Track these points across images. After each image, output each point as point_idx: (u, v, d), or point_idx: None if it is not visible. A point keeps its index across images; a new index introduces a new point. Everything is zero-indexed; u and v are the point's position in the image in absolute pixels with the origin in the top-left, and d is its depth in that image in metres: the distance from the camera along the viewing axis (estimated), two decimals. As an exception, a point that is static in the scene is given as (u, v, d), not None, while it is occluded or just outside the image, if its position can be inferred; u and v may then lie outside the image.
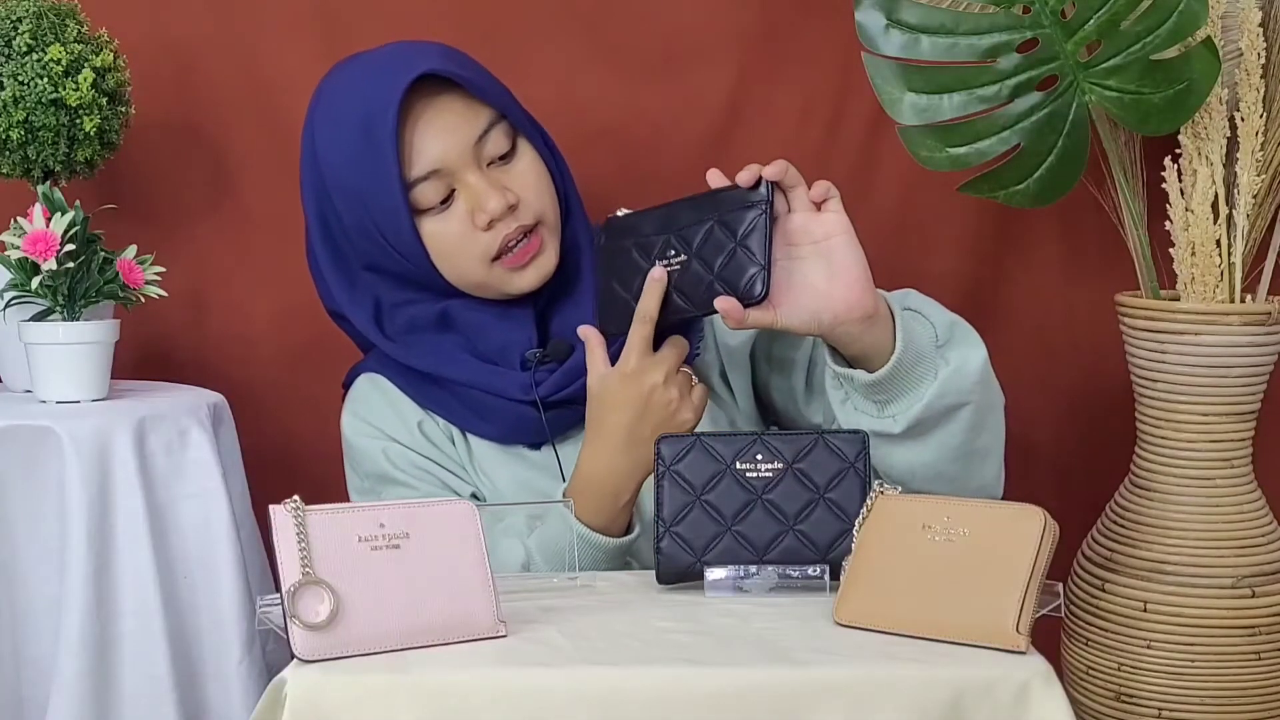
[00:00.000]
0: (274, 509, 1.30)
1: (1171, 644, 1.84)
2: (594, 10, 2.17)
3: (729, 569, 1.46)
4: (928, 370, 1.53)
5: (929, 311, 1.58)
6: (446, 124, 1.65)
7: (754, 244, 1.50)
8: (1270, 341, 1.84)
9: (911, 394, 1.53)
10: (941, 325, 1.57)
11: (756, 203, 1.51)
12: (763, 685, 1.25)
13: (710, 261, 1.53)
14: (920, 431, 1.54)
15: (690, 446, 1.49)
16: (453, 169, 1.65)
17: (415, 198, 1.65)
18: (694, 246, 1.54)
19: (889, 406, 1.54)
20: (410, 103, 1.64)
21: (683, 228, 1.55)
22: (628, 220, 1.62)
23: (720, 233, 1.52)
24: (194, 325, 2.22)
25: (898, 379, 1.53)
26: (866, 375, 1.53)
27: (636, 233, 1.59)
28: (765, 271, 1.49)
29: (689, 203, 1.56)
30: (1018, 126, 1.88)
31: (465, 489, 1.71)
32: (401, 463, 1.72)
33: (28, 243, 1.83)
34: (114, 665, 1.76)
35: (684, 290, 1.55)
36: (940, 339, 1.56)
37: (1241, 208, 1.85)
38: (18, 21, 1.88)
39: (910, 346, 1.52)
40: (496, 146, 1.67)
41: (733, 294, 1.50)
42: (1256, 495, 1.89)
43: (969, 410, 1.55)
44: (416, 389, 1.74)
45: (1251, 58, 1.82)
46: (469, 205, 1.65)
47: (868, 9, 1.88)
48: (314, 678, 1.25)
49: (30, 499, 1.78)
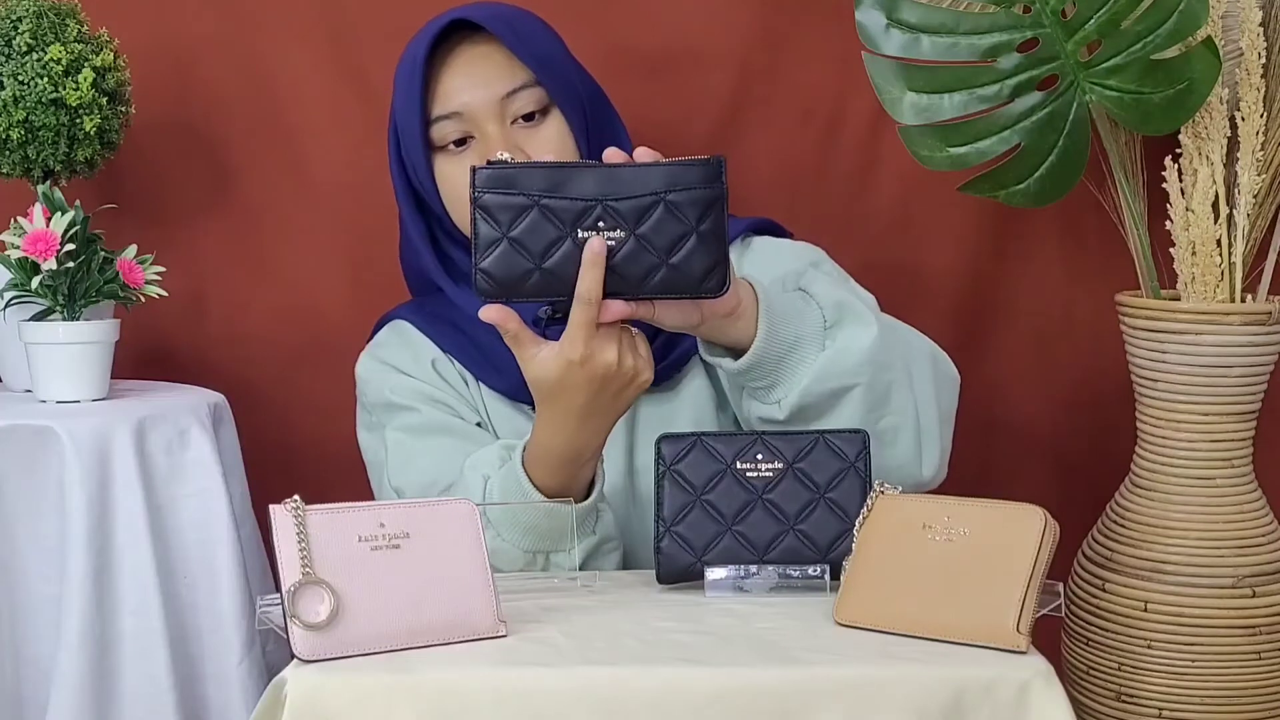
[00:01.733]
0: (274, 509, 1.30)
1: (1172, 644, 1.84)
2: (594, 10, 2.17)
3: (729, 569, 1.46)
4: (807, 354, 1.53)
5: (819, 293, 1.57)
6: (478, 71, 1.72)
7: (711, 233, 1.40)
8: (1270, 341, 1.84)
9: (790, 379, 1.53)
10: (829, 307, 1.55)
11: (713, 185, 1.41)
12: (763, 685, 1.25)
13: (656, 244, 1.40)
14: (809, 415, 1.54)
15: (691, 446, 1.49)
16: (475, 116, 1.71)
17: (433, 134, 1.72)
18: (633, 223, 1.40)
19: (773, 392, 1.54)
20: (453, 48, 1.72)
21: (616, 199, 1.41)
22: (519, 173, 1.42)
23: (669, 214, 1.41)
24: (194, 325, 2.22)
25: (769, 366, 1.52)
26: (733, 363, 1.53)
27: (537, 190, 1.41)
28: (726, 264, 1.42)
29: (613, 172, 1.42)
30: (1018, 126, 1.88)
31: (472, 417, 1.73)
32: (403, 390, 1.73)
33: (28, 242, 1.83)
34: (114, 665, 1.76)
35: (620, 272, 1.41)
36: (828, 321, 1.55)
37: (1242, 207, 1.85)
38: (18, 21, 1.87)
39: (778, 333, 1.51)
40: (523, 105, 1.72)
41: (687, 284, 1.41)
42: (1257, 495, 1.89)
43: (859, 392, 1.54)
44: (440, 334, 1.77)
45: (1252, 57, 1.82)
46: (480, 155, 1.69)
47: (868, 9, 1.88)
48: (314, 678, 1.25)
49: (30, 499, 1.78)
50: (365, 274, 2.17)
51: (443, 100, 1.72)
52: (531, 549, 1.55)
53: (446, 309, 1.78)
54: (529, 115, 1.72)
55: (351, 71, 2.19)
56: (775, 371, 1.53)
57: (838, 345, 1.54)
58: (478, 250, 1.42)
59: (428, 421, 1.71)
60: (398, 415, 1.73)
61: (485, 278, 1.42)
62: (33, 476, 1.77)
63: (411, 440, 1.70)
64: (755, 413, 1.57)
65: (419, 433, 1.70)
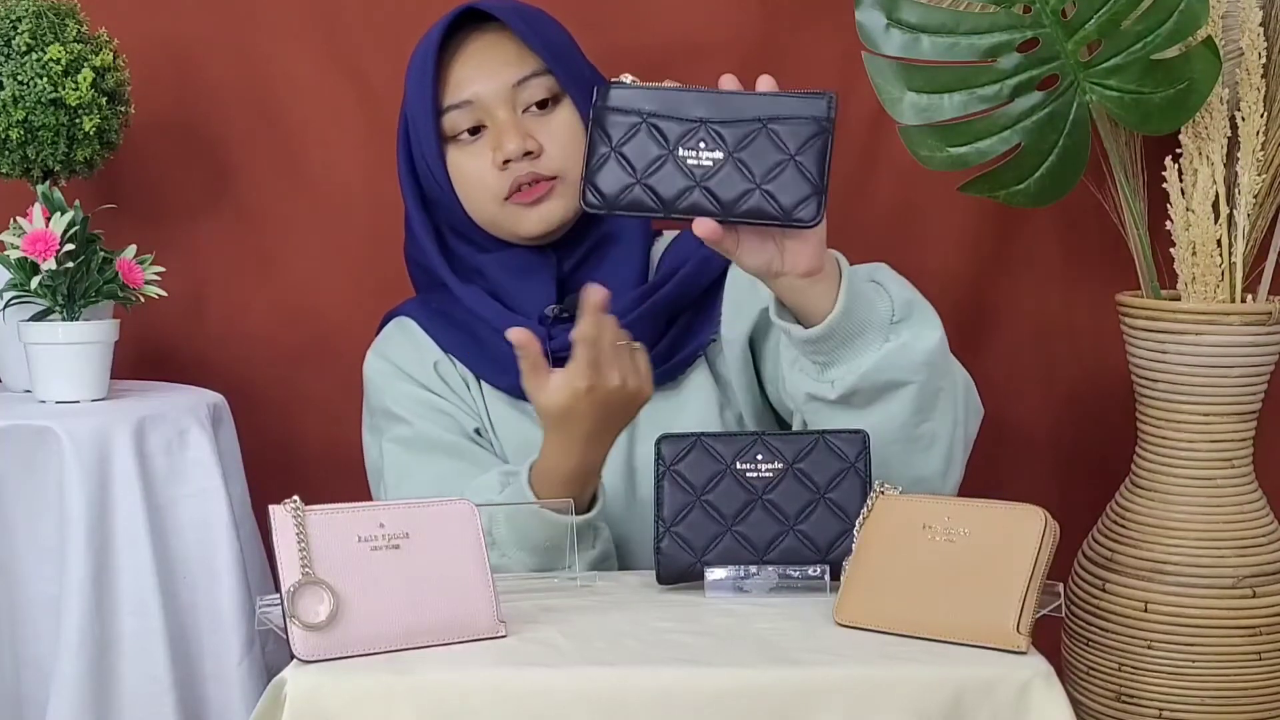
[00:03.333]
0: (274, 509, 1.30)
1: (1172, 644, 1.84)
2: (594, 10, 2.17)
3: (729, 569, 1.46)
4: (873, 340, 1.51)
5: (891, 287, 1.56)
6: (489, 60, 1.73)
7: (810, 162, 1.40)
8: (1271, 341, 1.84)
9: (852, 361, 1.51)
10: (900, 301, 1.55)
11: (819, 119, 1.42)
12: (763, 685, 1.25)
13: (752, 168, 1.40)
14: (858, 402, 1.52)
15: (690, 446, 1.49)
16: (486, 104, 1.72)
17: (445, 124, 1.73)
18: (732, 146, 1.41)
19: (829, 370, 1.52)
20: (464, 38, 1.74)
21: (719, 122, 1.41)
22: (638, 92, 1.44)
23: (769, 139, 1.41)
24: (194, 325, 2.22)
25: (837, 342, 1.51)
26: (802, 330, 1.51)
27: (649, 110, 1.43)
28: (821, 196, 1.41)
29: (724, 97, 1.43)
30: (1018, 126, 1.88)
31: (470, 424, 1.73)
32: (404, 399, 1.73)
33: (27, 242, 1.83)
34: (114, 665, 1.76)
35: (714, 192, 1.41)
36: (897, 315, 1.54)
37: (1242, 207, 1.85)
38: (17, 21, 1.87)
39: (854, 312, 1.50)
40: (534, 94, 1.73)
41: (779, 210, 1.40)
42: (1257, 495, 1.89)
43: (912, 390, 1.53)
44: (443, 333, 1.77)
45: (1252, 57, 1.82)
46: (492, 143, 1.71)
47: (868, 9, 1.88)
48: (314, 678, 1.25)
49: (30, 499, 1.78)
50: (365, 274, 2.17)
51: (454, 90, 1.73)
52: (535, 568, 1.55)
53: (450, 305, 1.77)
54: (541, 103, 1.73)
55: (351, 71, 2.19)
56: (839, 350, 1.51)
57: (903, 339, 1.52)
58: (587, 162, 1.43)
59: (425, 438, 1.70)
60: (396, 426, 1.73)
61: (592, 190, 1.43)
62: (32, 477, 1.77)
63: (408, 457, 1.70)
64: (804, 388, 1.54)
65: (416, 449, 1.70)
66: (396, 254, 1.88)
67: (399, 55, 1.79)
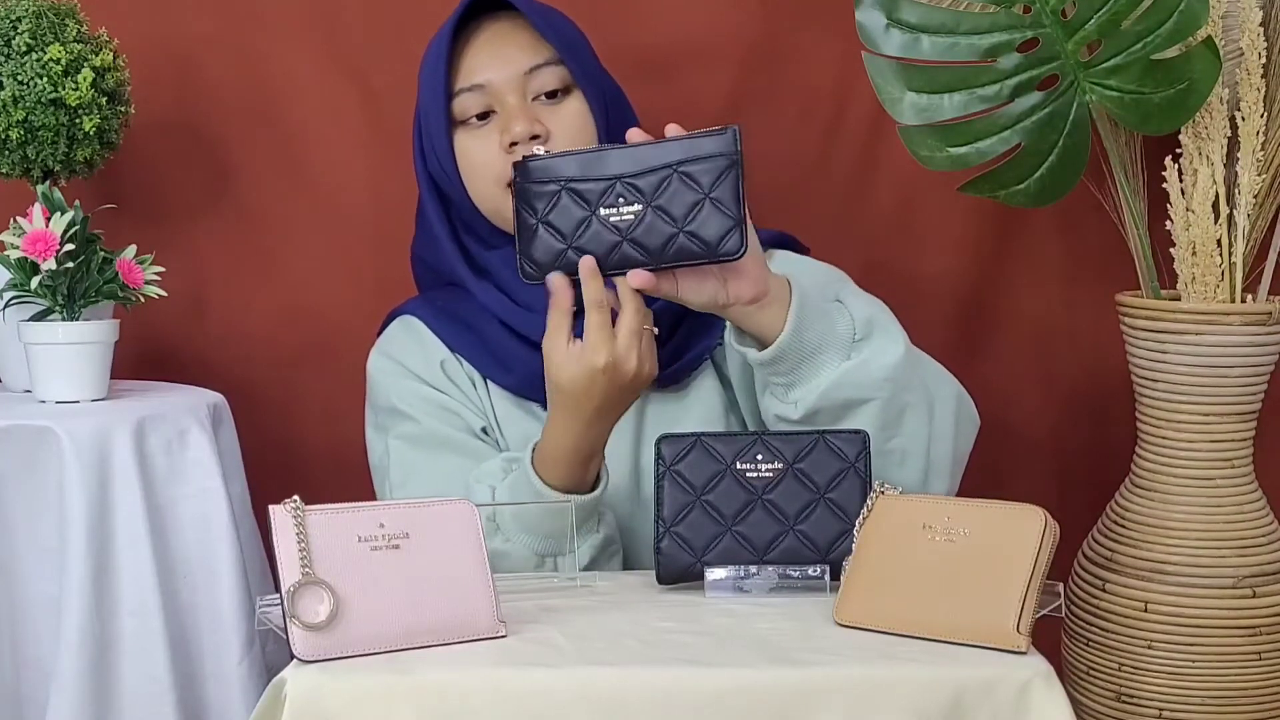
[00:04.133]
0: (273, 509, 1.30)
1: (1172, 644, 1.84)
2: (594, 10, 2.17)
3: (729, 569, 1.46)
4: (831, 359, 1.54)
5: (853, 305, 1.59)
6: (502, 46, 1.73)
7: (726, 196, 1.45)
8: (1271, 341, 1.84)
9: (811, 381, 1.55)
10: (861, 320, 1.57)
11: (726, 154, 1.46)
12: (763, 685, 1.25)
13: (672, 213, 1.46)
14: (822, 421, 1.55)
15: (691, 446, 1.49)
16: (497, 89, 1.72)
17: (455, 108, 1.73)
18: (649, 195, 1.47)
19: (791, 391, 1.56)
20: (479, 26, 1.75)
21: (634, 175, 1.47)
22: (554, 161, 1.50)
23: (683, 182, 1.46)
24: (194, 325, 2.22)
25: (792, 362, 1.54)
26: (755, 353, 1.54)
27: (567, 177, 1.49)
28: (742, 226, 1.45)
29: (635, 150, 1.48)
30: (1018, 126, 1.88)
31: (477, 422, 1.72)
32: (410, 396, 1.73)
33: (27, 242, 1.83)
34: (114, 665, 1.76)
35: (641, 242, 1.47)
36: (859, 333, 1.56)
37: (1242, 207, 1.84)
38: (17, 21, 1.87)
39: (805, 332, 1.53)
40: (545, 82, 1.73)
41: (705, 248, 1.45)
42: (1257, 495, 1.89)
43: (875, 407, 1.55)
44: (448, 332, 1.76)
45: (1252, 57, 1.82)
46: (500, 125, 1.71)
47: (868, 9, 1.88)
48: (314, 678, 1.25)
49: (30, 499, 1.78)
50: (365, 274, 2.17)
51: (466, 75, 1.73)
52: (540, 551, 1.55)
53: (456, 304, 1.77)
54: (551, 93, 1.73)
55: (351, 72, 2.19)
56: (796, 370, 1.54)
57: (862, 357, 1.55)
58: (519, 238, 1.51)
59: (432, 435, 1.70)
60: (403, 423, 1.72)
61: (526, 262, 1.51)
62: (32, 477, 1.77)
63: (415, 454, 1.70)
64: (772, 410, 1.59)
65: (422, 446, 1.70)
66: (397, 254, 1.88)
67: (399, 55, 1.80)
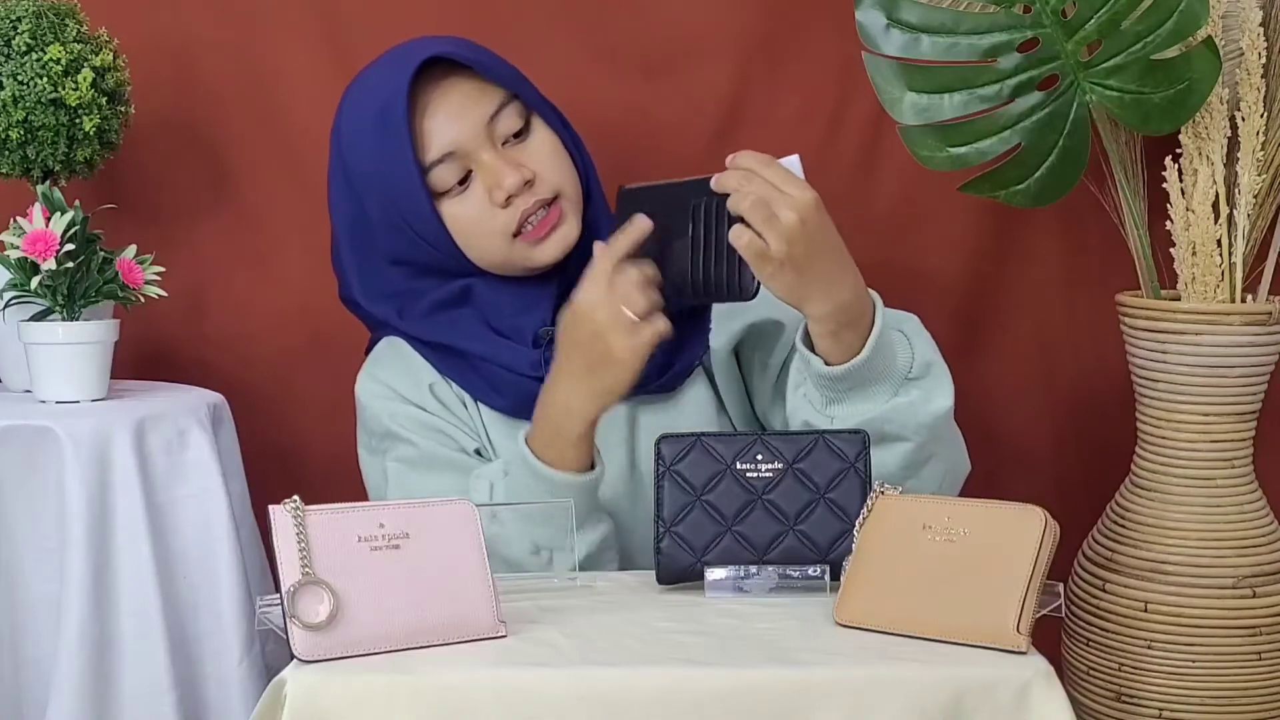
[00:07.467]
0: (273, 509, 1.30)
1: (1172, 644, 1.84)
2: (594, 10, 2.17)
3: (729, 569, 1.46)
4: (884, 391, 1.55)
5: (916, 343, 1.59)
6: (458, 105, 1.68)
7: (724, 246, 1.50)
8: (1271, 341, 1.84)
9: (859, 405, 1.55)
10: (920, 360, 1.57)
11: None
12: (763, 685, 1.25)
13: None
14: None
15: (690, 446, 1.49)
16: (467, 150, 1.68)
17: (433, 181, 1.68)
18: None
19: (833, 406, 1.56)
20: (422, 89, 1.68)
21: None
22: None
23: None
24: (194, 325, 2.22)
25: (851, 384, 1.54)
26: (823, 366, 1.53)
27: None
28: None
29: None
30: (1018, 126, 1.88)
31: (471, 444, 1.72)
32: (403, 419, 1.72)
33: (27, 242, 1.83)
34: (114, 665, 1.76)
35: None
36: (914, 372, 1.57)
37: (1242, 207, 1.85)
38: (17, 21, 1.87)
39: (877, 359, 1.53)
40: (509, 125, 1.70)
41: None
42: (1257, 495, 1.89)
43: (908, 449, 1.56)
44: (435, 355, 1.75)
45: (1252, 57, 1.82)
46: (486, 184, 1.68)
47: (868, 9, 1.88)
48: (314, 678, 1.25)
49: (30, 499, 1.78)
50: (365, 274, 2.16)
51: (431, 144, 1.67)
52: (536, 542, 1.55)
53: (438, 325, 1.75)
54: (517, 133, 1.70)
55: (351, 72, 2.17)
56: (851, 392, 1.54)
57: (912, 397, 1.55)
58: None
59: (430, 456, 1.69)
60: (398, 446, 1.71)
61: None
62: (32, 477, 1.77)
63: (413, 475, 1.69)
64: (802, 415, 1.58)
65: (421, 467, 1.69)
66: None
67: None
